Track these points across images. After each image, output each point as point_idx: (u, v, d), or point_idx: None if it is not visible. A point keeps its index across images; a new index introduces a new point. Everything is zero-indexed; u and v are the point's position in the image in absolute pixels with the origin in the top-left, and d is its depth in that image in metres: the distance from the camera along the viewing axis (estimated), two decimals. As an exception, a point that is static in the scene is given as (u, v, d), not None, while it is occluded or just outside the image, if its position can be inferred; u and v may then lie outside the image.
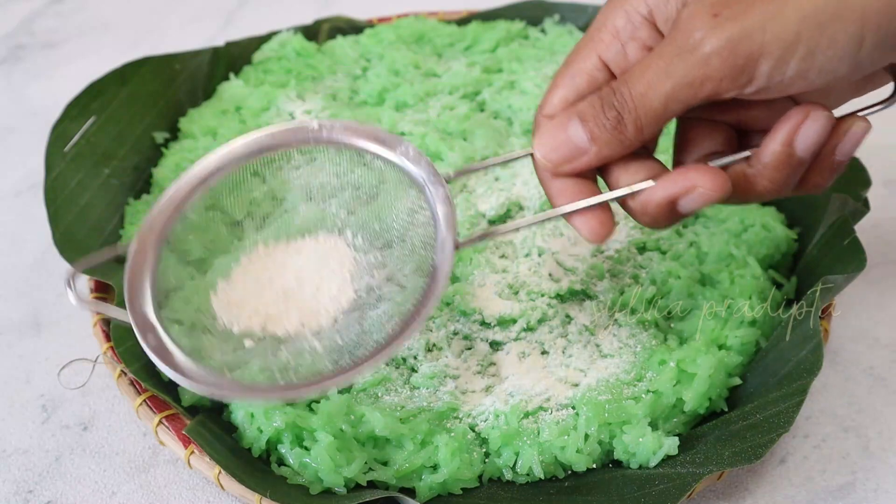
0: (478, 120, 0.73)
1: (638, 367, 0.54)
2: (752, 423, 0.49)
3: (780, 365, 0.53)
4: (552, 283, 0.60)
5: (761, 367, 0.54)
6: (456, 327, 0.57)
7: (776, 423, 0.48)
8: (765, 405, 0.50)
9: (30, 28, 1.06)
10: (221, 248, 0.55)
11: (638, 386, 0.53)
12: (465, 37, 0.86)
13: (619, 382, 0.53)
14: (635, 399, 0.51)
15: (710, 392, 0.52)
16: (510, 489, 0.50)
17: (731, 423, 0.51)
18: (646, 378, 0.53)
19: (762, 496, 0.52)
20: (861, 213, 0.58)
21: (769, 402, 0.50)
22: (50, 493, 0.53)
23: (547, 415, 0.52)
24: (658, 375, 0.52)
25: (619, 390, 0.52)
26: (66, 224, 0.61)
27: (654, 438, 0.49)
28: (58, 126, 0.66)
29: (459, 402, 0.52)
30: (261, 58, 0.83)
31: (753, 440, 0.48)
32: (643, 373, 0.53)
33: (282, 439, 0.49)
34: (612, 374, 0.53)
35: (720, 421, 0.52)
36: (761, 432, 0.48)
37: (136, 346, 0.54)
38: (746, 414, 0.51)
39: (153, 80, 0.76)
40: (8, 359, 0.62)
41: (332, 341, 0.44)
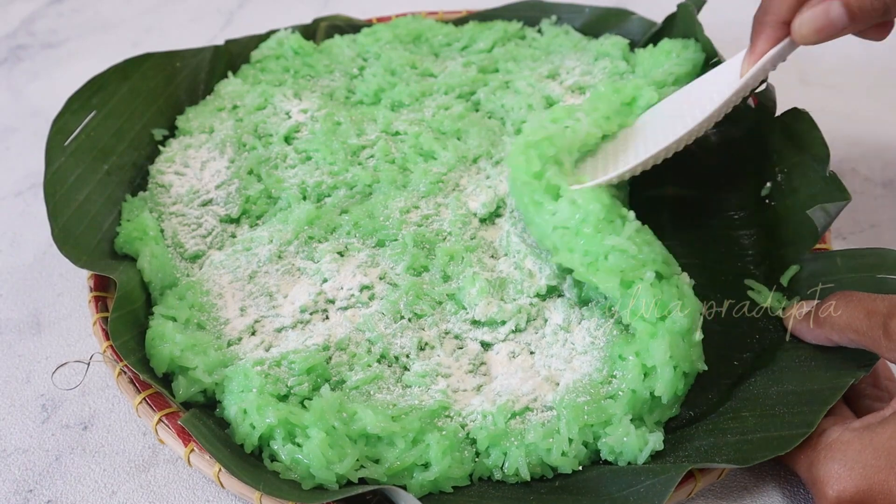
0: (472, 119, 0.73)
1: (609, 364, 0.54)
2: (750, 440, 0.49)
3: (784, 373, 0.53)
4: (532, 281, 0.60)
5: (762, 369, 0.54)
6: (447, 326, 0.58)
7: (776, 446, 0.48)
8: (765, 422, 0.50)
9: (30, 28, 1.06)
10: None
11: (612, 384, 0.52)
12: (462, 36, 0.86)
13: (593, 382, 0.53)
14: (612, 398, 0.52)
15: (680, 369, 0.51)
16: (501, 488, 0.50)
17: (728, 432, 0.51)
18: (616, 375, 0.53)
19: (762, 496, 0.52)
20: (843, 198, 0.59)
21: (771, 418, 0.50)
22: (50, 493, 0.54)
23: (533, 416, 0.52)
24: (624, 373, 0.52)
25: (595, 390, 0.52)
26: (65, 219, 0.61)
27: (638, 436, 0.49)
28: (58, 119, 0.66)
29: (451, 401, 0.53)
30: (258, 56, 0.83)
31: (748, 453, 0.48)
32: (613, 369, 0.53)
33: (274, 435, 0.50)
34: (585, 374, 0.53)
35: (714, 426, 0.52)
36: (757, 448, 0.48)
37: (132, 339, 0.55)
38: (743, 425, 0.50)
39: (154, 76, 0.76)
40: (8, 358, 0.63)
41: None
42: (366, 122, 0.74)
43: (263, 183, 0.69)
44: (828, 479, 0.45)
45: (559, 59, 0.81)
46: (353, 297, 0.59)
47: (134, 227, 0.63)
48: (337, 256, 0.62)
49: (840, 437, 0.46)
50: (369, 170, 0.69)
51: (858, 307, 0.49)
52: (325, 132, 0.71)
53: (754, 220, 0.66)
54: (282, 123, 0.74)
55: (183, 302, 0.58)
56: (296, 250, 0.62)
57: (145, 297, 0.60)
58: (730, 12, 1.04)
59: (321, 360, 0.53)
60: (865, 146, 0.44)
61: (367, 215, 0.64)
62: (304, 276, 0.61)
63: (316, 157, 0.70)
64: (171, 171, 0.70)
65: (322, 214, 0.64)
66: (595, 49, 0.81)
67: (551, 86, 0.76)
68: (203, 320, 0.57)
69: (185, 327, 0.56)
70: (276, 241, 0.62)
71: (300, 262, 0.62)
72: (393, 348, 0.56)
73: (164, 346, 0.54)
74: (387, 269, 0.61)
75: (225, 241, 0.65)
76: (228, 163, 0.71)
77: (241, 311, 0.58)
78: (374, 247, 0.63)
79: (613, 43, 0.80)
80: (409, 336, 0.56)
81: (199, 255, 0.64)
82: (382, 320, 0.57)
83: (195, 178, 0.70)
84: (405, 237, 0.62)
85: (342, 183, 0.68)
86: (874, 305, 0.48)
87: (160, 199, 0.68)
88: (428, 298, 0.58)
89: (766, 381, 0.53)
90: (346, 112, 0.75)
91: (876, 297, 0.49)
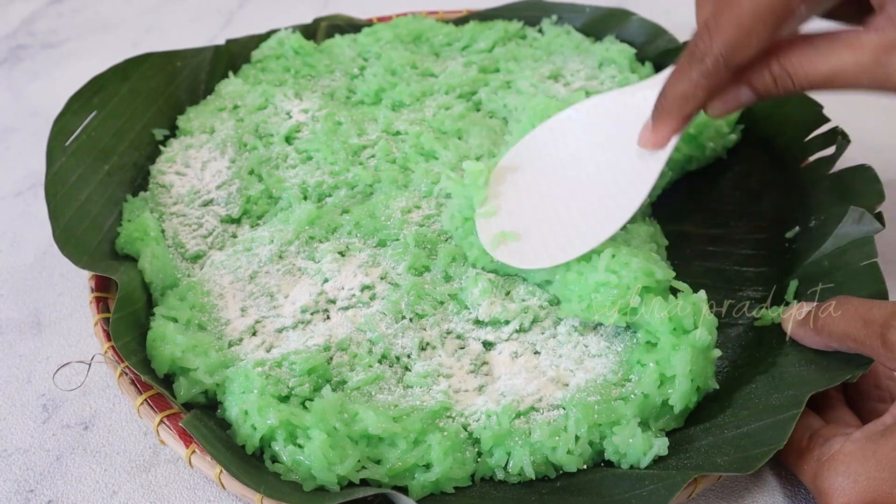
0: (473, 119, 0.73)
1: (625, 368, 0.54)
2: (747, 433, 0.49)
3: (780, 370, 0.53)
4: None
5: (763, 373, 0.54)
6: (449, 326, 0.58)
7: (771, 436, 0.48)
8: (760, 413, 0.50)
9: (30, 28, 1.06)
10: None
11: (626, 386, 0.53)
12: (462, 36, 0.86)
13: (606, 383, 0.53)
14: (624, 399, 0.52)
15: (696, 383, 0.52)
16: (502, 488, 0.50)
17: (725, 428, 0.51)
18: (631, 379, 0.53)
19: (762, 496, 0.52)
20: (874, 228, 0.58)
21: (766, 409, 0.50)
22: (51, 493, 0.54)
23: (538, 415, 0.52)
24: (641, 377, 0.52)
25: (607, 391, 0.52)
26: (66, 220, 0.61)
27: (644, 439, 0.49)
28: (59, 120, 0.66)
29: (452, 402, 0.52)
30: (259, 56, 0.83)
31: (747, 450, 0.48)
32: (629, 373, 0.54)
33: (275, 436, 0.49)
34: (599, 375, 0.54)
35: (713, 425, 0.52)
36: (755, 443, 0.48)
37: (133, 340, 0.55)
38: (741, 421, 0.51)
39: (154, 76, 0.76)
40: (9, 358, 0.63)
41: None
42: (366, 122, 0.74)
43: (264, 183, 0.68)
44: (832, 491, 0.45)
45: (561, 60, 0.81)
46: (355, 297, 0.59)
47: (135, 228, 0.63)
48: (338, 256, 0.61)
49: (843, 449, 0.46)
50: (370, 170, 0.69)
51: (855, 316, 0.49)
52: (326, 132, 0.71)
53: (773, 261, 0.65)
54: (282, 123, 0.74)
55: (184, 303, 0.58)
56: (297, 250, 0.62)
57: (146, 298, 0.60)
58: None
59: (322, 361, 0.53)
60: (864, 147, 0.44)
61: (368, 215, 0.64)
62: (304, 276, 0.61)
63: (317, 157, 0.70)
64: (171, 172, 0.70)
65: (323, 214, 0.64)
66: (599, 53, 0.81)
67: (555, 87, 0.76)
68: (204, 321, 0.57)
69: (186, 328, 0.56)
70: (276, 241, 0.62)
71: (301, 262, 0.62)
72: (394, 348, 0.55)
73: (166, 347, 0.54)
74: (388, 268, 0.61)
75: (226, 242, 0.65)
76: (229, 163, 0.71)
77: (242, 312, 0.58)
78: (376, 246, 0.63)
79: (620, 51, 0.80)
80: (411, 336, 0.56)
81: (200, 256, 0.64)
82: (384, 320, 0.57)
83: (196, 179, 0.70)
84: (406, 237, 0.62)
85: (343, 183, 0.68)
86: (871, 314, 0.48)
87: (161, 199, 0.68)
88: (429, 298, 0.58)
89: (765, 383, 0.53)
90: (347, 112, 0.75)
91: (873, 305, 0.49)
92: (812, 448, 0.48)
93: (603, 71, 0.79)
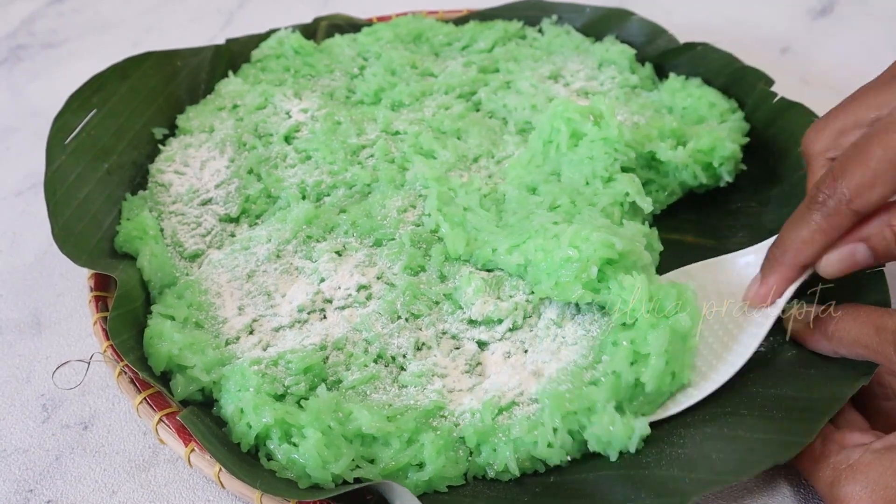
0: (472, 119, 0.73)
1: (596, 351, 0.53)
2: (748, 436, 0.49)
3: (783, 375, 0.53)
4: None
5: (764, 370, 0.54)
6: (444, 327, 0.58)
7: (778, 444, 0.48)
8: (765, 417, 0.50)
9: (30, 28, 1.06)
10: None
11: (597, 369, 0.52)
12: (462, 36, 0.86)
13: (577, 368, 0.52)
14: (595, 383, 0.51)
15: (671, 367, 0.51)
16: (495, 487, 0.50)
17: (724, 426, 0.50)
18: (603, 360, 0.52)
19: (762, 495, 0.52)
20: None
21: (772, 411, 0.50)
22: (50, 493, 0.54)
23: (519, 409, 0.51)
24: (613, 357, 0.52)
25: (577, 376, 0.52)
26: (65, 218, 0.61)
27: (624, 424, 0.49)
28: (59, 118, 0.67)
29: (446, 401, 0.52)
30: (259, 56, 0.83)
31: (750, 455, 0.48)
32: (600, 355, 0.53)
33: (270, 435, 0.50)
34: (570, 362, 0.53)
35: (714, 418, 0.51)
36: (758, 448, 0.48)
37: (131, 338, 0.55)
38: (742, 422, 0.50)
39: (154, 75, 0.76)
40: (8, 358, 0.63)
41: None
42: (366, 122, 0.74)
43: (263, 182, 0.69)
44: (848, 500, 0.46)
45: (561, 61, 0.81)
46: (351, 296, 0.59)
47: (134, 226, 0.63)
48: (335, 256, 0.62)
49: (861, 459, 0.46)
50: (369, 169, 0.69)
51: (867, 323, 0.49)
52: (325, 132, 0.71)
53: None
54: (282, 123, 0.74)
55: (181, 301, 0.58)
56: (294, 249, 0.62)
57: (145, 296, 0.60)
58: (730, 12, 1.05)
59: (318, 360, 0.53)
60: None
61: (364, 214, 0.64)
62: (302, 275, 0.61)
63: (316, 157, 0.70)
64: (170, 171, 0.70)
65: (320, 214, 0.64)
66: (599, 53, 0.81)
67: (555, 87, 0.76)
68: (201, 319, 0.57)
69: (184, 326, 0.56)
70: (274, 240, 0.62)
71: (298, 262, 0.62)
72: (390, 348, 0.55)
73: (163, 345, 0.54)
74: (384, 268, 0.61)
75: (224, 241, 0.65)
76: (228, 162, 0.71)
77: (240, 310, 0.58)
78: (372, 246, 0.63)
79: (620, 51, 0.80)
80: (406, 336, 0.56)
81: (199, 254, 0.64)
82: (379, 320, 0.57)
83: (195, 178, 0.70)
84: (402, 236, 0.62)
85: (341, 182, 0.68)
86: (883, 322, 0.48)
87: (160, 198, 0.68)
88: (425, 298, 0.58)
89: (764, 382, 0.53)
90: (347, 112, 0.75)
91: (884, 313, 0.49)
92: (827, 455, 0.48)
93: (603, 71, 0.79)
